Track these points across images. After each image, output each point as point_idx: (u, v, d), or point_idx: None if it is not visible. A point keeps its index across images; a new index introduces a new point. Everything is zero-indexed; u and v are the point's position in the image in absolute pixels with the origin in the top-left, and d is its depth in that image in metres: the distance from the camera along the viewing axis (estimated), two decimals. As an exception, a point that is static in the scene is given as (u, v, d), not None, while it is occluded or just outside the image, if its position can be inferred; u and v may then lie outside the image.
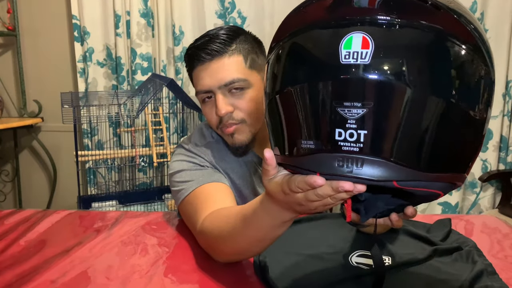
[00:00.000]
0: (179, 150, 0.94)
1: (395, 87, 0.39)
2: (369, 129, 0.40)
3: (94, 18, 2.14)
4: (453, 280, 0.64)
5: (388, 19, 0.40)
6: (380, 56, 0.39)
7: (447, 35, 0.41)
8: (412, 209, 0.51)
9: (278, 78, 0.47)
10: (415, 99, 0.40)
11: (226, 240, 0.67)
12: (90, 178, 2.24)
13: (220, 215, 0.71)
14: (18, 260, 0.74)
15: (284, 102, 0.46)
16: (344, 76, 0.40)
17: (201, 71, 0.84)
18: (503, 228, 0.89)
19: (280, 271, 0.67)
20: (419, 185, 0.42)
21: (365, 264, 0.70)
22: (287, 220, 0.56)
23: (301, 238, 0.80)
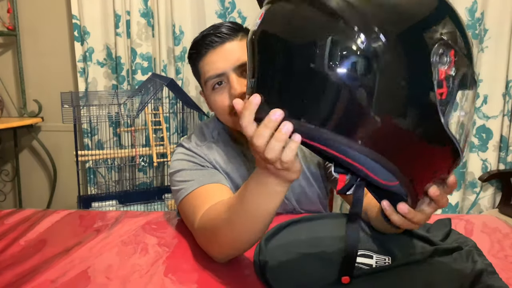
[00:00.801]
0: (179, 149, 0.94)
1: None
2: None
3: (94, 18, 2.14)
4: (453, 280, 0.64)
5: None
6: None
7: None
8: (403, 205, 0.55)
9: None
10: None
11: (222, 228, 0.67)
12: (90, 178, 2.24)
13: (215, 206, 0.72)
14: (18, 259, 0.74)
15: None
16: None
17: (213, 55, 0.85)
18: (503, 228, 0.89)
19: (280, 271, 0.67)
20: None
21: (365, 264, 0.70)
22: (274, 187, 0.57)
23: (301, 238, 0.80)
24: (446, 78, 0.47)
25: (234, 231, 0.66)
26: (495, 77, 1.95)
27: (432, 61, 0.46)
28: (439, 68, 0.46)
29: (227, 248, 0.70)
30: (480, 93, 1.97)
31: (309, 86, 0.46)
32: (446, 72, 0.46)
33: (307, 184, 0.99)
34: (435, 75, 0.46)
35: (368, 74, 0.44)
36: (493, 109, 1.98)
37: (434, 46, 0.46)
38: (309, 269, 0.68)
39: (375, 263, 0.70)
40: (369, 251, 0.74)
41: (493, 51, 1.93)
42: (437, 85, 0.46)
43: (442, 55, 0.46)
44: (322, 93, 0.46)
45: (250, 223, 0.63)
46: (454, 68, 0.47)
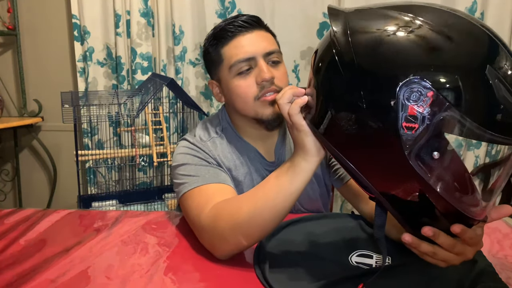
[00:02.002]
0: (183, 143, 0.93)
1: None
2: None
3: (94, 17, 2.14)
4: (453, 280, 0.64)
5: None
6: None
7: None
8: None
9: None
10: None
11: (243, 215, 0.69)
12: (90, 178, 2.24)
13: (228, 200, 0.74)
14: (18, 259, 0.74)
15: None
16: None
17: (242, 39, 0.87)
18: (503, 228, 0.89)
19: (280, 271, 0.67)
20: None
21: (365, 264, 0.70)
22: (300, 162, 0.66)
23: (301, 238, 0.80)
24: (419, 117, 0.48)
25: (257, 215, 0.68)
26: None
27: (401, 91, 0.48)
28: (409, 104, 0.48)
29: (243, 238, 0.70)
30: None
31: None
32: (418, 109, 0.48)
33: (309, 182, 0.99)
34: (403, 110, 0.49)
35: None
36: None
37: (403, 81, 0.48)
38: (309, 269, 0.68)
39: (375, 263, 0.70)
40: (369, 251, 0.74)
41: (493, 51, 1.92)
42: (405, 118, 0.49)
43: (414, 93, 0.48)
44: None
45: (275, 203, 0.67)
46: (430, 109, 0.48)
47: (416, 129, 0.49)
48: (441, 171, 0.52)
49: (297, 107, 0.64)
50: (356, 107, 0.52)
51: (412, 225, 0.56)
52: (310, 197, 1.00)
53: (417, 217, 0.55)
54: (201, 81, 2.19)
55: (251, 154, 0.95)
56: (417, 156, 0.50)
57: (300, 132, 0.64)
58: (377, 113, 0.51)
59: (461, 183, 0.55)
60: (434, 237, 0.54)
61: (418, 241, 0.56)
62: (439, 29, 0.50)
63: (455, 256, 0.57)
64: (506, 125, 0.48)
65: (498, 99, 0.47)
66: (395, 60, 0.50)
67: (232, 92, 0.89)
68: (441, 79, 0.48)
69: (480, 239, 0.58)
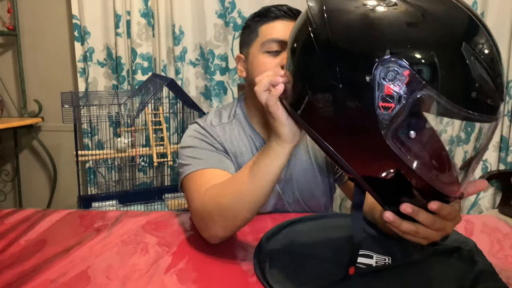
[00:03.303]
0: (194, 126, 0.97)
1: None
2: None
3: (95, 18, 2.14)
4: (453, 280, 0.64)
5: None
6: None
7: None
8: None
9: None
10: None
11: (227, 197, 0.72)
12: (90, 178, 2.24)
13: (219, 184, 0.77)
14: (18, 259, 0.74)
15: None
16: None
17: (282, 24, 0.90)
18: (503, 228, 0.89)
19: (280, 271, 0.67)
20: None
21: (365, 264, 0.70)
22: (276, 147, 0.68)
23: (301, 238, 0.80)
24: (395, 95, 0.48)
25: (239, 198, 0.71)
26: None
27: (377, 71, 0.48)
28: (384, 82, 0.48)
29: (229, 220, 0.73)
30: (480, 93, 1.97)
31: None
32: (394, 88, 0.48)
33: (312, 175, 1.00)
34: (379, 89, 0.48)
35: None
36: (493, 109, 1.97)
37: (379, 60, 0.48)
38: (309, 269, 0.68)
39: (375, 263, 0.70)
40: (369, 251, 0.74)
41: (493, 52, 1.93)
42: (380, 98, 0.49)
43: (391, 71, 0.48)
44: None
45: (254, 186, 0.70)
46: (408, 87, 0.48)
47: (392, 109, 0.49)
48: (418, 150, 0.52)
49: (274, 98, 0.64)
50: (332, 87, 0.52)
51: (391, 204, 0.55)
52: (313, 193, 1.01)
53: (395, 196, 0.54)
54: (201, 81, 2.19)
55: (258, 142, 0.97)
56: (394, 135, 0.50)
57: (276, 121, 0.66)
58: (353, 94, 0.51)
59: (439, 161, 0.55)
60: (414, 214, 0.54)
61: (399, 220, 0.55)
62: (415, 6, 0.50)
63: (436, 233, 0.57)
64: (480, 103, 0.49)
65: (474, 77, 0.48)
66: (371, 39, 0.50)
67: (255, 68, 0.92)
68: (417, 57, 0.48)
69: (458, 214, 0.58)
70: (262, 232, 0.79)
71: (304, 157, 1.00)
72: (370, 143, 0.51)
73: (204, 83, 2.18)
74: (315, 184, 1.01)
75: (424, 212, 0.54)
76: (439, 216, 0.55)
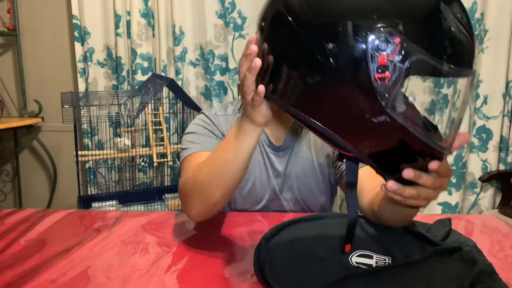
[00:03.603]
0: (200, 115, 1.02)
1: None
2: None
3: (95, 18, 2.14)
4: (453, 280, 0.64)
5: None
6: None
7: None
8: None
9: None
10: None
11: (203, 175, 0.77)
12: (90, 178, 2.24)
13: (199, 163, 0.81)
14: (18, 259, 0.74)
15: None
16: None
17: None
18: (503, 228, 0.90)
19: (280, 271, 0.67)
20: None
21: (365, 264, 0.70)
22: (247, 128, 0.69)
23: (301, 238, 0.80)
24: (389, 64, 0.49)
25: (213, 177, 0.75)
26: (495, 78, 1.95)
27: (369, 43, 0.49)
28: (378, 55, 0.49)
29: (206, 197, 0.77)
30: (480, 93, 1.97)
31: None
32: (388, 58, 0.49)
33: (312, 173, 1.01)
34: (373, 61, 0.49)
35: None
36: (493, 110, 1.98)
37: (370, 32, 0.49)
38: (309, 269, 0.68)
39: (375, 263, 0.70)
40: (369, 251, 0.74)
41: (493, 52, 1.93)
42: (375, 69, 0.49)
43: (383, 41, 0.49)
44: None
45: (226, 164, 0.73)
46: (401, 55, 0.48)
47: (389, 78, 0.49)
48: (416, 113, 0.55)
49: (250, 92, 0.62)
50: (323, 68, 0.51)
51: (391, 173, 0.56)
52: (313, 191, 1.01)
53: (395, 164, 0.55)
54: (201, 82, 2.19)
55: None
56: (393, 104, 0.50)
57: (254, 111, 0.66)
58: (346, 70, 0.50)
59: (428, 120, 0.58)
60: (416, 177, 0.55)
61: (402, 186, 0.56)
62: None
63: (435, 192, 0.58)
64: (462, 57, 0.52)
65: (455, 34, 0.51)
66: (358, 11, 0.50)
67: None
68: (404, 23, 0.49)
69: (449, 167, 0.60)
70: (261, 233, 0.79)
71: (305, 154, 1.01)
72: (369, 116, 0.51)
73: (204, 83, 2.18)
74: (315, 182, 1.01)
75: (424, 174, 0.55)
76: (438, 174, 0.57)
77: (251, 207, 1.01)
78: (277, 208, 1.01)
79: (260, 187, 1.00)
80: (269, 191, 1.00)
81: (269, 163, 1.00)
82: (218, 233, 0.86)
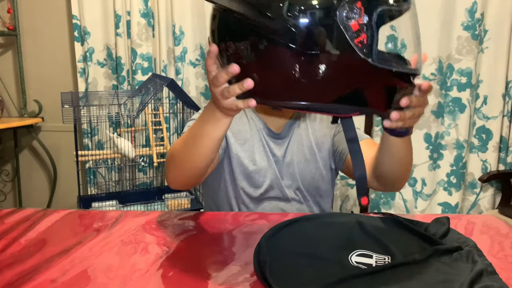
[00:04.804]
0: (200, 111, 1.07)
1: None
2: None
3: (95, 18, 2.14)
4: (453, 280, 0.64)
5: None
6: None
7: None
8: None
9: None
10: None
11: (178, 152, 0.84)
12: (90, 178, 2.24)
13: (181, 137, 0.87)
14: (18, 259, 0.74)
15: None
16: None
17: None
18: (503, 228, 0.90)
19: (280, 271, 0.67)
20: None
21: (365, 264, 0.70)
22: (219, 117, 0.72)
23: (301, 238, 0.80)
24: (361, 27, 0.55)
25: (186, 156, 0.81)
26: (495, 78, 1.95)
27: (339, 19, 0.54)
28: (350, 23, 0.54)
29: (180, 171, 0.85)
30: (480, 93, 1.97)
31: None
32: (358, 22, 0.55)
33: (312, 159, 1.04)
34: (348, 30, 0.54)
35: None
36: (493, 110, 1.98)
37: (339, 6, 0.54)
38: (309, 269, 0.68)
39: (375, 263, 0.70)
40: (369, 251, 0.74)
41: (493, 52, 1.93)
42: (354, 36, 0.55)
43: (349, 11, 0.54)
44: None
45: (199, 149, 0.78)
46: (366, 15, 0.54)
47: (366, 38, 0.55)
48: (395, 55, 0.65)
49: (220, 84, 0.64)
50: (303, 54, 0.55)
51: (389, 108, 0.64)
52: (314, 178, 1.04)
53: (389, 101, 0.63)
54: (201, 82, 2.19)
55: (259, 125, 1.03)
56: (378, 57, 0.56)
57: (224, 104, 0.66)
58: (329, 49, 0.55)
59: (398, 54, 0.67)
60: (410, 102, 0.64)
61: (402, 112, 0.65)
62: None
63: (422, 108, 0.69)
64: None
65: None
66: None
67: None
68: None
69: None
70: (261, 232, 0.79)
71: (305, 142, 1.04)
72: (360, 75, 0.57)
73: (204, 83, 2.19)
74: (315, 168, 1.04)
75: (414, 97, 0.65)
76: (421, 93, 0.67)
77: (253, 192, 1.04)
78: (278, 195, 1.04)
79: (261, 170, 1.03)
80: (270, 176, 1.03)
81: (269, 149, 1.04)
82: (218, 233, 0.86)
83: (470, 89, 1.97)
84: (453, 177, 2.05)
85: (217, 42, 0.64)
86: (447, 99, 1.99)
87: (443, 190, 2.07)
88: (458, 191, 2.05)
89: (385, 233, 0.81)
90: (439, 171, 2.06)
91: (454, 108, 1.99)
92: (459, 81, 1.97)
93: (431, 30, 1.97)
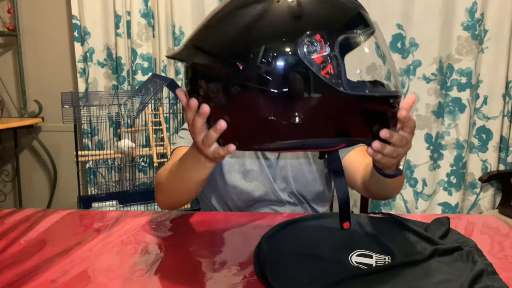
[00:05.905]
0: None
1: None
2: None
3: (95, 18, 2.14)
4: (453, 280, 0.64)
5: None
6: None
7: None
8: (377, 143, 0.63)
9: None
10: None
11: (165, 186, 0.88)
12: (90, 178, 2.24)
13: (167, 167, 0.89)
14: (18, 259, 0.74)
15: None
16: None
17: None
18: (503, 228, 0.90)
19: (280, 271, 0.67)
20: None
21: (365, 264, 0.70)
22: (205, 163, 0.72)
23: (301, 238, 0.80)
24: (325, 58, 0.55)
25: (173, 190, 0.86)
26: (495, 78, 1.95)
27: (302, 55, 0.54)
28: (313, 57, 0.54)
29: (166, 198, 0.91)
30: (480, 93, 1.98)
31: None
32: (321, 54, 0.54)
33: (306, 162, 1.03)
34: (313, 64, 0.54)
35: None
36: (493, 110, 1.98)
37: (298, 43, 0.54)
38: (309, 269, 0.68)
39: (374, 263, 0.70)
40: (369, 251, 0.74)
41: (493, 52, 1.93)
42: (320, 69, 0.55)
43: (309, 45, 0.54)
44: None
45: (184, 187, 0.82)
46: (327, 46, 0.55)
47: (332, 68, 0.55)
48: (365, 84, 0.65)
49: (200, 132, 0.64)
50: (276, 95, 0.55)
51: (372, 138, 0.63)
52: (306, 178, 1.03)
53: (370, 131, 0.62)
54: (201, 82, 2.19)
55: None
56: (349, 86, 0.56)
57: (206, 150, 0.66)
58: (297, 88, 0.55)
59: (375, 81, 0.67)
60: (390, 137, 0.62)
61: (383, 145, 0.63)
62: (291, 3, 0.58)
63: (404, 149, 0.67)
64: (364, 19, 0.61)
65: (349, 5, 0.61)
66: (276, 36, 0.56)
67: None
68: (313, 22, 0.56)
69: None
70: (262, 232, 0.79)
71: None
72: (335, 107, 0.57)
73: (204, 84, 2.18)
74: (309, 172, 1.03)
75: (396, 133, 0.64)
76: (404, 130, 0.65)
77: (246, 197, 1.04)
78: (272, 198, 1.03)
79: (253, 175, 1.03)
80: (263, 180, 1.03)
81: (261, 153, 1.04)
82: (218, 233, 0.86)
83: (470, 89, 1.97)
84: (453, 177, 2.05)
85: (192, 93, 0.63)
86: (447, 99, 1.98)
87: (443, 190, 2.07)
88: (458, 191, 2.05)
89: (385, 233, 0.81)
90: (439, 171, 2.06)
91: (454, 108, 1.99)
92: (459, 81, 1.97)
93: (431, 30, 1.97)
